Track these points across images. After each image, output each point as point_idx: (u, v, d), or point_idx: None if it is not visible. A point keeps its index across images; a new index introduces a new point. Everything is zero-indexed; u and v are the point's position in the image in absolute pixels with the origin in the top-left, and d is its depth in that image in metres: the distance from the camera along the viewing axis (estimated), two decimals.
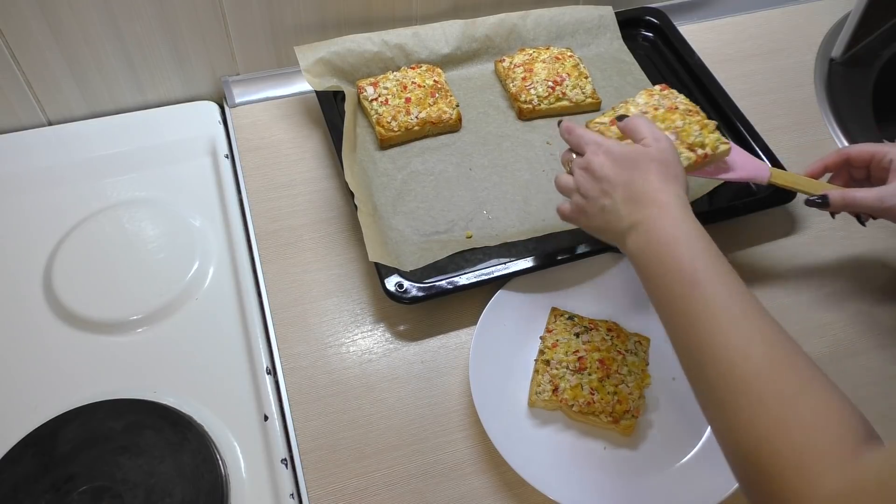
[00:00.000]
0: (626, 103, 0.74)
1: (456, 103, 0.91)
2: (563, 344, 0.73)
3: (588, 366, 0.72)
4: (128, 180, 0.87)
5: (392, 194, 0.85)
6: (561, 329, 0.75)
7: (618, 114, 0.72)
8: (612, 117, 0.72)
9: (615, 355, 0.72)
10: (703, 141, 0.71)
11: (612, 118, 0.71)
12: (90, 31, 0.84)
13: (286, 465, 0.68)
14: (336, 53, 0.91)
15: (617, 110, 0.74)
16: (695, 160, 0.70)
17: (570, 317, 0.76)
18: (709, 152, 0.70)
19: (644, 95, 0.75)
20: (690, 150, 0.70)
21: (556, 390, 0.70)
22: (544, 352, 0.73)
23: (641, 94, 0.75)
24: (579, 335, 0.74)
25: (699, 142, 0.71)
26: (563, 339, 0.74)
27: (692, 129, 0.71)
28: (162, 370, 0.73)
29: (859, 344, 0.80)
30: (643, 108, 0.73)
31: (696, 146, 0.70)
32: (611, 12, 1.03)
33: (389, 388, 0.74)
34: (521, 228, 0.83)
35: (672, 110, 0.73)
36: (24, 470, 0.65)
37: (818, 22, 1.12)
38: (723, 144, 0.72)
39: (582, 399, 0.70)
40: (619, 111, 0.73)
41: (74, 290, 0.77)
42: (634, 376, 0.71)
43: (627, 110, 0.73)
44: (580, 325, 0.75)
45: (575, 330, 0.74)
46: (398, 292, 0.74)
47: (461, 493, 0.68)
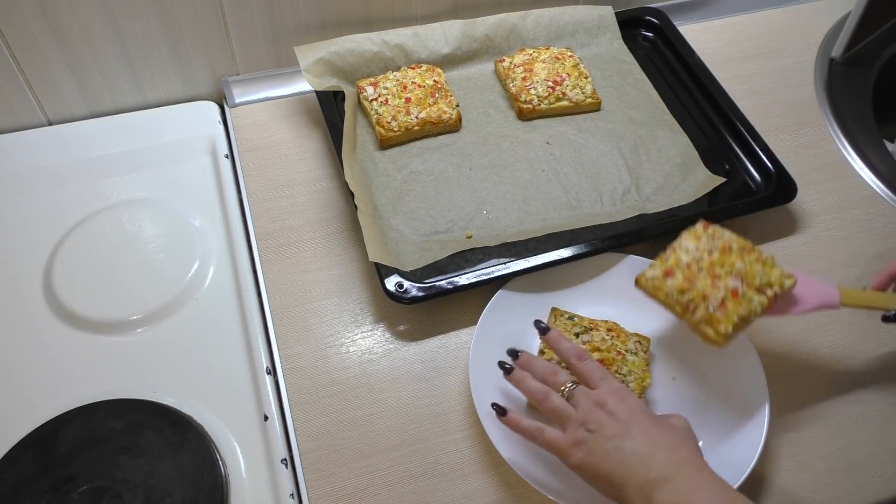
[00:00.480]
0: (675, 251, 0.70)
1: (456, 103, 0.91)
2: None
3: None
4: (128, 180, 0.87)
5: (392, 194, 0.85)
6: (561, 329, 0.74)
7: (667, 265, 0.69)
8: (664, 268, 0.69)
9: (615, 356, 0.72)
10: (770, 279, 0.67)
11: (665, 268, 0.69)
12: (90, 31, 0.85)
13: (286, 465, 0.68)
14: (336, 53, 0.91)
15: (666, 260, 0.70)
16: (767, 303, 0.67)
17: (570, 317, 0.75)
18: (777, 291, 0.67)
19: (691, 239, 0.70)
20: (759, 292, 0.67)
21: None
22: (544, 352, 0.73)
23: (688, 238, 0.70)
24: (579, 335, 0.73)
25: (766, 281, 0.67)
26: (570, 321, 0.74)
27: (755, 268, 0.68)
28: (162, 370, 0.73)
29: (859, 344, 0.80)
30: (694, 253, 0.69)
31: (765, 287, 0.67)
32: (611, 12, 1.03)
33: (389, 388, 0.74)
34: (521, 228, 0.83)
35: (726, 252, 0.69)
36: (24, 470, 0.65)
37: (818, 22, 1.12)
38: (788, 279, 0.68)
39: None
40: (670, 261, 0.69)
41: (74, 290, 0.77)
42: (635, 376, 0.71)
43: (678, 259, 0.69)
44: (580, 326, 0.75)
45: (575, 330, 0.74)
46: (398, 292, 0.74)
47: (461, 493, 0.68)
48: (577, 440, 0.60)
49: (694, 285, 0.67)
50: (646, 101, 0.97)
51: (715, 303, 0.66)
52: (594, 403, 0.61)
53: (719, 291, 0.66)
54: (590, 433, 0.60)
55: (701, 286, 0.67)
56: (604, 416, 0.60)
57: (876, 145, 0.97)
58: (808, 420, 0.74)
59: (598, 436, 0.59)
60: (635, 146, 0.91)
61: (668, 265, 0.69)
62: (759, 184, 0.89)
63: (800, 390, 0.76)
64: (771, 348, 0.78)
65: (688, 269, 0.68)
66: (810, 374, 0.77)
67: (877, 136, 0.98)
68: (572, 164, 0.89)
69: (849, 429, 0.74)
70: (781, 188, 0.87)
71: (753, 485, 0.70)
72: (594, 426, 0.60)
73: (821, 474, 0.71)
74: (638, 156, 0.90)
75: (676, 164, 0.90)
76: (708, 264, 0.68)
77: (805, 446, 0.72)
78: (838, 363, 0.78)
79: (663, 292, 0.68)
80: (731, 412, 0.72)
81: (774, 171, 0.88)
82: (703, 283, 0.67)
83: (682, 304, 0.67)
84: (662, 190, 0.88)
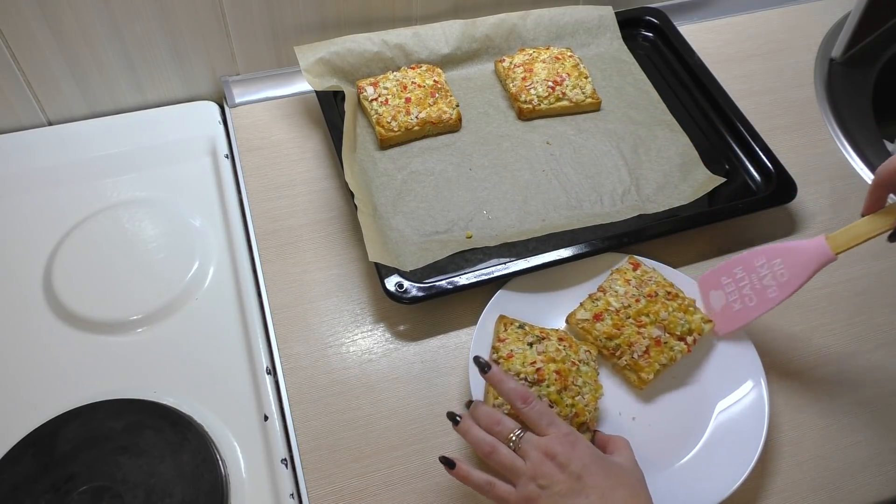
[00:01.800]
0: (605, 294, 0.75)
1: (456, 103, 0.91)
2: (518, 355, 0.69)
3: (546, 377, 0.68)
4: (128, 180, 0.87)
5: (392, 194, 0.85)
6: (513, 338, 0.71)
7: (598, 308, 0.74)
8: (594, 311, 0.74)
9: (570, 366, 0.69)
10: (690, 327, 0.74)
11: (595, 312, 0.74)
12: (90, 31, 0.85)
13: (286, 465, 0.68)
14: (336, 53, 0.91)
15: (596, 301, 0.75)
16: (686, 349, 0.73)
17: (521, 325, 0.72)
18: (696, 337, 0.73)
19: (620, 282, 0.76)
20: (680, 339, 0.73)
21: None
22: (499, 362, 0.69)
23: (617, 280, 0.76)
24: (533, 345, 0.70)
25: (686, 329, 0.74)
26: (517, 350, 0.69)
27: (677, 317, 0.74)
28: (162, 370, 0.73)
29: (859, 344, 0.80)
30: (623, 299, 0.74)
31: (685, 334, 0.73)
32: (611, 12, 1.03)
33: (389, 388, 0.74)
34: (521, 228, 0.83)
35: (652, 299, 0.75)
36: (24, 470, 0.65)
37: (818, 22, 1.12)
38: (706, 324, 0.74)
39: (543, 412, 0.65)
40: (600, 304, 0.75)
41: (74, 290, 0.77)
42: (589, 387, 0.69)
43: (608, 303, 0.75)
44: (532, 335, 0.71)
45: (528, 339, 0.71)
46: (398, 292, 0.74)
47: (461, 493, 0.68)
48: (528, 497, 0.58)
49: (621, 332, 0.73)
50: (646, 102, 0.97)
51: (639, 351, 0.72)
52: (543, 454, 0.58)
53: (644, 340, 0.73)
54: (541, 489, 0.57)
55: (627, 333, 0.73)
56: (555, 470, 0.58)
57: (876, 145, 0.97)
58: (808, 420, 0.74)
59: (550, 493, 0.57)
60: (635, 146, 0.91)
61: (599, 309, 0.75)
62: (759, 184, 0.89)
63: (800, 390, 0.76)
64: (771, 348, 0.78)
65: (616, 315, 0.74)
66: (810, 374, 0.77)
67: (877, 136, 0.98)
68: (572, 164, 0.89)
69: (849, 429, 0.74)
70: (781, 188, 0.87)
71: (753, 485, 0.70)
72: (545, 482, 0.57)
73: (820, 474, 0.71)
74: (638, 156, 0.90)
75: (676, 164, 0.90)
76: (635, 312, 0.74)
77: (805, 446, 0.72)
78: (838, 363, 0.78)
79: (592, 336, 0.74)
80: (731, 412, 0.72)
81: (774, 172, 0.88)
82: (629, 331, 0.73)
83: (609, 349, 0.73)
84: (662, 190, 0.88)
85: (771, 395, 0.72)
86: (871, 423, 0.74)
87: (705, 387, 0.74)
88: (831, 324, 0.81)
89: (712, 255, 0.85)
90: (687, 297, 0.76)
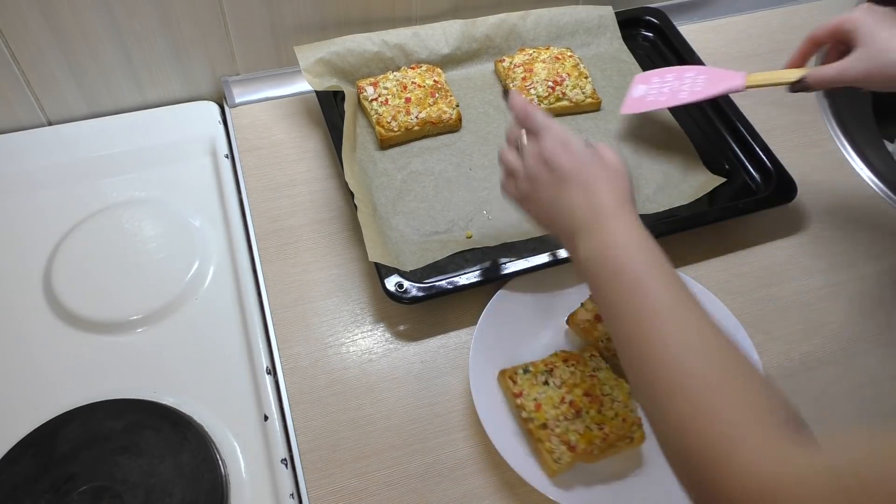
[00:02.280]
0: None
1: (456, 103, 0.91)
2: (543, 399, 0.68)
3: (581, 406, 0.67)
4: (128, 180, 0.87)
5: (392, 194, 0.85)
6: (527, 386, 0.69)
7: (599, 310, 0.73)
8: (595, 311, 0.74)
9: (591, 381, 0.69)
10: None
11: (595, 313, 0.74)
12: (90, 30, 0.84)
13: (286, 465, 0.68)
14: (336, 53, 0.91)
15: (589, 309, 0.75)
16: None
17: (524, 369, 0.70)
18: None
19: None
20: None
21: (571, 448, 0.65)
22: (532, 418, 0.67)
23: None
24: (547, 381, 0.69)
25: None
26: (540, 395, 0.68)
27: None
28: (162, 370, 0.73)
29: (859, 344, 0.80)
30: None
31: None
32: (611, 12, 1.03)
33: (389, 388, 0.74)
34: (521, 229, 0.83)
35: None
36: (24, 470, 0.65)
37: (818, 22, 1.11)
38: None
39: (596, 440, 0.66)
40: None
41: (74, 290, 0.77)
42: (616, 388, 0.69)
43: None
44: (540, 372, 0.70)
45: (540, 379, 0.69)
46: (398, 292, 0.74)
47: (461, 493, 0.68)
48: (523, 194, 0.65)
49: None
50: None
51: None
52: (537, 157, 0.63)
53: None
54: (531, 185, 0.63)
55: None
56: (544, 171, 0.62)
57: (876, 145, 0.97)
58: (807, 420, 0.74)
59: (539, 188, 0.62)
60: (635, 146, 0.91)
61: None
62: (758, 184, 0.89)
63: (800, 390, 0.76)
64: (771, 348, 0.78)
65: None
66: (810, 374, 0.77)
67: (877, 136, 0.98)
68: None
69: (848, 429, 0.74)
70: (781, 188, 0.87)
71: None
72: (532, 176, 0.63)
73: None
74: (638, 156, 0.90)
75: (676, 165, 0.90)
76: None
77: None
78: (838, 363, 0.78)
79: (593, 336, 0.74)
80: None
81: (774, 171, 0.88)
82: None
83: (610, 350, 0.73)
84: (662, 190, 0.88)
85: None
86: (870, 423, 0.74)
87: None
88: (831, 324, 0.81)
89: (712, 255, 0.85)
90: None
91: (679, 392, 0.48)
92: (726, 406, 0.47)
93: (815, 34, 0.77)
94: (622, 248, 0.56)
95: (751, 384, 0.49)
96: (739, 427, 0.46)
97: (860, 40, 0.71)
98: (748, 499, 0.43)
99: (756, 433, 0.45)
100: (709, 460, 0.45)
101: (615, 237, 0.57)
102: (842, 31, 0.73)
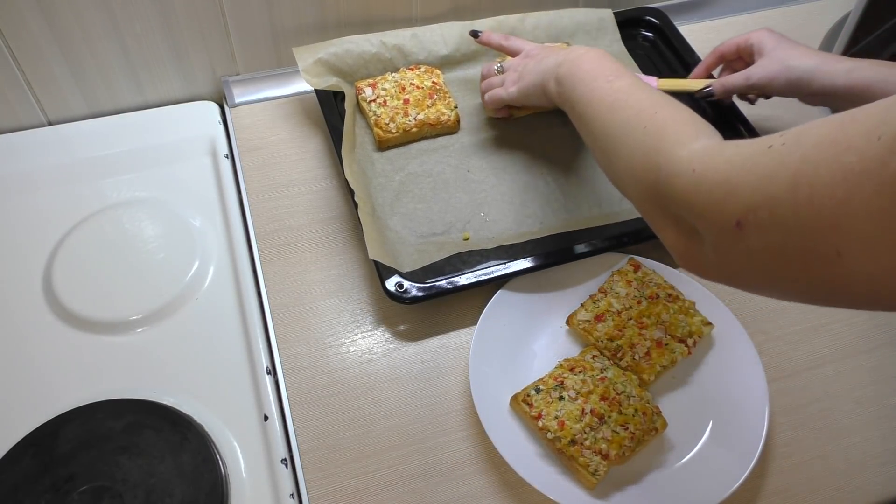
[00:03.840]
0: (606, 295, 0.77)
1: (454, 105, 0.91)
2: (565, 416, 0.67)
3: (602, 412, 0.68)
4: (128, 180, 0.87)
5: (389, 195, 0.85)
6: (544, 405, 0.68)
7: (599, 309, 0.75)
8: (595, 311, 0.75)
9: (600, 384, 0.69)
10: (691, 329, 0.74)
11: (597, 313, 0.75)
12: (90, 31, 0.85)
13: (286, 465, 0.68)
14: (334, 55, 0.91)
15: (597, 303, 0.76)
16: (687, 352, 0.73)
17: (536, 389, 0.69)
18: (697, 339, 0.74)
19: (622, 284, 0.77)
20: (681, 342, 0.73)
21: (604, 456, 0.66)
22: (559, 437, 0.66)
23: (619, 282, 0.77)
24: (562, 397, 0.69)
25: (687, 331, 0.74)
26: (559, 412, 0.68)
27: (678, 319, 0.74)
28: (162, 370, 0.73)
29: (859, 344, 0.80)
30: (624, 301, 0.76)
31: (686, 336, 0.74)
32: (610, 15, 1.03)
33: (389, 388, 0.74)
34: (519, 231, 0.83)
35: (654, 301, 0.76)
36: (24, 470, 0.65)
37: (818, 22, 1.12)
38: (706, 326, 0.75)
39: (625, 442, 0.66)
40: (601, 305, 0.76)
41: (74, 290, 0.77)
42: (629, 385, 0.70)
43: (610, 304, 0.76)
44: (553, 388, 0.69)
45: (555, 395, 0.69)
46: (398, 292, 0.74)
47: (461, 493, 0.68)
48: (512, 80, 0.81)
49: (623, 333, 0.74)
50: None
51: (641, 352, 0.73)
52: (521, 59, 0.81)
53: (645, 341, 0.73)
54: (518, 72, 0.80)
55: (629, 335, 0.74)
56: (529, 59, 0.79)
57: None
58: (808, 420, 0.74)
59: (526, 64, 0.79)
60: None
61: (600, 310, 0.75)
62: None
63: (800, 390, 0.76)
64: (771, 348, 0.78)
65: (618, 317, 0.75)
66: (810, 374, 0.77)
67: None
68: (571, 166, 0.89)
69: (849, 429, 0.74)
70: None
71: (753, 485, 0.70)
72: (519, 66, 0.80)
73: (820, 474, 0.71)
74: None
75: None
76: (637, 314, 0.75)
77: (804, 446, 0.72)
78: (838, 363, 0.78)
79: (594, 336, 0.74)
80: (730, 412, 0.72)
81: None
82: (630, 332, 0.74)
83: (610, 350, 0.73)
84: None
85: (771, 395, 0.72)
86: (871, 423, 0.74)
87: (705, 387, 0.74)
88: (831, 324, 0.81)
89: None
90: (687, 299, 0.76)
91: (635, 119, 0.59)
92: (669, 121, 0.57)
93: (720, 49, 0.87)
94: (596, 60, 0.68)
95: (685, 111, 0.59)
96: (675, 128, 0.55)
97: (763, 53, 0.81)
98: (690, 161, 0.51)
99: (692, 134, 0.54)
100: (654, 146, 0.55)
101: (590, 53, 0.69)
102: (746, 46, 0.83)
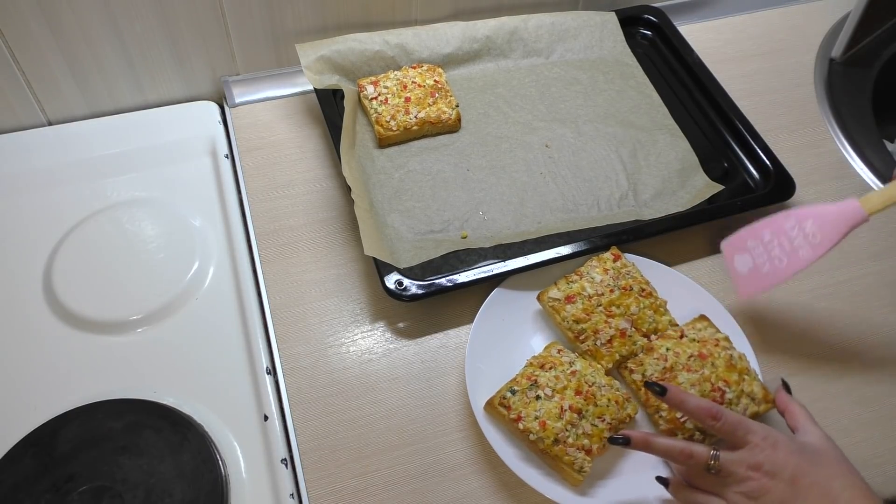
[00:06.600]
0: (581, 279, 0.76)
1: (455, 104, 0.91)
2: (544, 416, 0.66)
3: (580, 407, 0.67)
4: (128, 180, 0.87)
5: (389, 192, 0.85)
6: (522, 406, 0.67)
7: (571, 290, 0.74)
8: (567, 292, 0.74)
9: (573, 378, 0.68)
10: (657, 327, 0.74)
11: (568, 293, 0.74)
12: (90, 31, 0.85)
13: (286, 465, 0.68)
14: (337, 52, 0.91)
15: (571, 284, 0.75)
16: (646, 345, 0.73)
17: (512, 390, 0.68)
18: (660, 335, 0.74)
19: (598, 270, 0.76)
20: (644, 336, 0.74)
21: (588, 451, 0.65)
22: (542, 438, 0.65)
23: (596, 268, 0.76)
24: (539, 398, 0.67)
25: (653, 328, 0.74)
26: (538, 412, 0.66)
27: (646, 314, 0.74)
28: (162, 370, 0.73)
29: (859, 344, 0.80)
30: (598, 287, 0.74)
31: (650, 332, 0.74)
32: (614, 18, 1.03)
33: (389, 387, 0.74)
34: (517, 230, 0.83)
35: (627, 292, 0.75)
36: (24, 470, 0.65)
37: (818, 22, 1.12)
38: (672, 327, 0.75)
39: (605, 433, 0.66)
40: (574, 287, 0.75)
41: (74, 290, 0.77)
42: (597, 375, 0.69)
43: (583, 287, 0.75)
44: (528, 388, 0.68)
45: (531, 395, 0.67)
46: (398, 290, 0.74)
47: (461, 493, 0.68)
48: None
49: (590, 318, 0.73)
50: (647, 105, 0.97)
51: (604, 339, 0.73)
52: (748, 468, 0.58)
53: (610, 329, 0.73)
54: (755, 500, 0.57)
55: (595, 320, 0.73)
56: (765, 480, 0.57)
57: (876, 145, 0.97)
58: None
59: (765, 497, 0.57)
60: (634, 151, 0.91)
61: (572, 291, 0.74)
62: (758, 182, 0.89)
63: (800, 390, 0.76)
64: (771, 348, 0.78)
65: (588, 301, 0.74)
66: (810, 373, 0.77)
67: (877, 136, 0.98)
68: (570, 167, 0.89)
69: (849, 429, 0.74)
70: (779, 186, 0.87)
71: None
72: (758, 494, 0.57)
73: None
74: (637, 160, 0.90)
75: (675, 170, 0.90)
76: (607, 301, 0.74)
77: None
78: (839, 363, 0.78)
79: (560, 316, 0.74)
80: None
81: (773, 170, 0.88)
82: (597, 318, 0.73)
83: (574, 332, 0.73)
84: (660, 196, 0.87)
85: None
86: (871, 423, 0.74)
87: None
88: (831, 323, 0.81)
89: (710, 252, 0.85)
90: (660, 297, 0.76)
91: None
92: None
93: None
94: None
95: None
96: None
97: None
98: None
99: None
100: None
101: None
102: None
